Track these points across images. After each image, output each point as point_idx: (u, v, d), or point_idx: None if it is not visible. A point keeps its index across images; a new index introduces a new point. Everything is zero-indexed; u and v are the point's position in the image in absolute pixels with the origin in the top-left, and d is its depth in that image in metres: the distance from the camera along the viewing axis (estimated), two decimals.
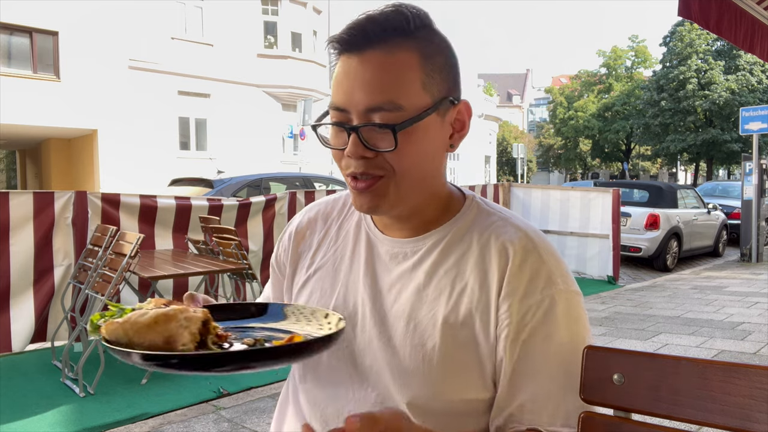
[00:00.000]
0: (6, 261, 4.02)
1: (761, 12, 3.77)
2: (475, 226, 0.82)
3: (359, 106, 0.73)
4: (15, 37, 12.75)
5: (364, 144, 0.74)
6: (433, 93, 0.76)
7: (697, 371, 0.75)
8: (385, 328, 0.81)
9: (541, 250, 0.80)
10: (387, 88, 0.73)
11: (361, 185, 0.76)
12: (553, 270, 0.79)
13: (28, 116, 12.48)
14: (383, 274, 0.84)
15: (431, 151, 0.78)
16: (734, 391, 0.72)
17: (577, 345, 0.79)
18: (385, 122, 0.73)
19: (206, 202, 5.13)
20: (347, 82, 0.74)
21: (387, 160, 0.75)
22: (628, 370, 0.79)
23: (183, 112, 15.45)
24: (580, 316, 0.80)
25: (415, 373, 0.77)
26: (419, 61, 0.75)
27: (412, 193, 0.78)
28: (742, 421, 0.71)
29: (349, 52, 0.75)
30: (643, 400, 0.78)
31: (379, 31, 0.74)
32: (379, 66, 0.73)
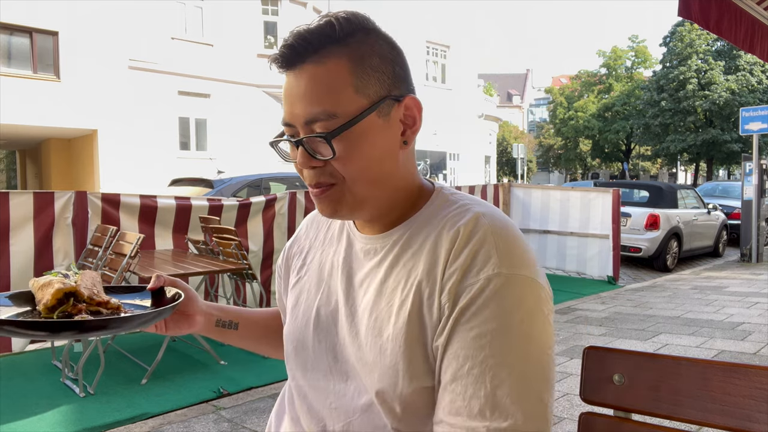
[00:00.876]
0: (6, 261, 4.02)
1: (761, 12, 3.77)
2: (435, 217, 0.82)
3: (300, 120, 0.77)
4: (15, 37, 12.75)
5: (310, 154, 0.77)
6: (369, 95, 0.77)
7: (697, 371, 0.75)
8: (355, 323, 0.84)
9: (488, 232, 0.76)
10: (320, 99, 0.75)
11: (316, 191, 0.80)
12: (498, 252, 0.74)
13: (28, 116, 12.48)
14: (358, 271, 0.87)
15: (378, 152, 0.79)
16: (734, 391, 0.72)
17: (516, 332, 0.71)
18: (323, 131, 0.75)
19: (206, 202, 5.13)
20: (288, 98, 0.78)
21: (335, 167, 0.77)
22: (628, 370, 0.79)
23: (183, 112, 15.44)
24: (520, 301, 0.72)
25: (375, 365, 0.79)
26: (349, 66, 0.76)
27: (369, 195, 0.80)
28: (742, 421, 0.71)
29: (286, 69, 0.78)
30: (643, 400, 0.78)
31: (306, 44, 0.76)
32: (311, 78, 0.76)
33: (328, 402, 0.85)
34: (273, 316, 1.13)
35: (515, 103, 61.79)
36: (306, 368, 0.89)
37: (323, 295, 0.90)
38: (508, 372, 0.69)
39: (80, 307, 0.83)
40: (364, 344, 0.81)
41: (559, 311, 5.68)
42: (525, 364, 0.70)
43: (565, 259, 7.90)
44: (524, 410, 0.69)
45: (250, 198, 5.59)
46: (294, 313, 0.94)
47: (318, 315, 0.89)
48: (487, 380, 0.69)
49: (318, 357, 0.88)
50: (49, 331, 0.79)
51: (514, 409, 0.68)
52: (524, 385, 0.70)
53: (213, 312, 1.03)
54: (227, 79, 15.95)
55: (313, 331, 0.89)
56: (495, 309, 0.71)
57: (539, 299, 0.74)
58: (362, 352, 0.81)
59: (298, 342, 0.91)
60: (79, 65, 13.12)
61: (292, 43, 0.76)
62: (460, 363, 0.71)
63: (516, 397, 0.69)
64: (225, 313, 1.05)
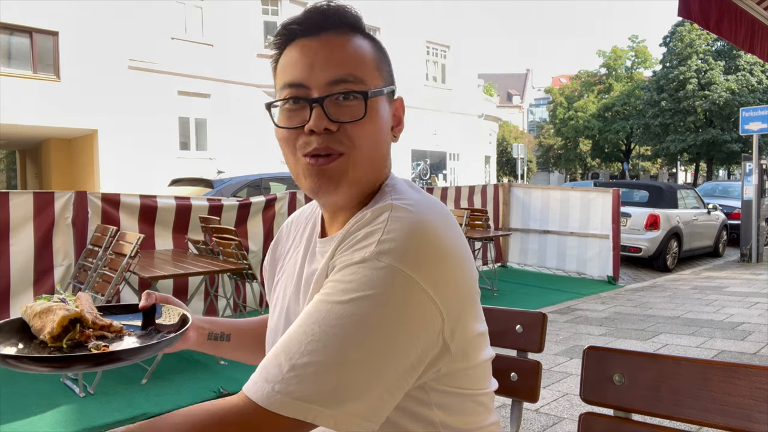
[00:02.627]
0: (6, 261, 4.02)
1: (761, 12, 3.77)
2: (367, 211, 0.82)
3: (320, 80, 0.76)
4: (15, 37, 12.74)
5: (328, 117, 0.75)
6: (383, 78, 0.81)
7: (697, 371, 0.75)
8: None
9: (388, 220, 0.72)
10: (348, 63, 0.77)
11: (322, 161, 0.77)
12: (386, 239, 0.70)
13: (28, 116, 12.48)
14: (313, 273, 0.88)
15: (383, 134, 0.81)
16: (734, 391, 0.72)
17: (358, 314, 0.66)
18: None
19: (206, 202, 5.13)
20: (305, 60, 0.78)
21: (348, 134, 0.76)
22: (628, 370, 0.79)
23: (183, 112, 15.44)
24: (385, 291, 0.67)
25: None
26: (371, 47, 0.81)
27: (364, 174, 0.80)
28: (742, 421, 0.71)
29: (306, 36, 0.78)
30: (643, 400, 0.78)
31: (336, 16, 0.79)
32: (338, 45, 0.78)
33: None
34: (264, 324, 1.11)
35: (515, 103, 61.78)
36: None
37: (292, 297, 0.90)
38: (330, 348, 0.66)
39: (88, 333, 0.80)
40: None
41: (559, 311, 5.68)
42: (349, 347, 0.66)
43: (565, 259, 7.90)
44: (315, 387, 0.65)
45: (250, 198, 5.59)
46: (271, 315, 0.95)
47: (287, 317, 0.90)
48: (304, 344, 0.67)
49: None
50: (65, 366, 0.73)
51: (307, 382, 0.65)
52: (335, 367, 0.65)
53: (204, 325, 1.01)
54: (227, 79, 15.95)
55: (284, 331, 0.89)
56: (349, 285, 0.68)
57: (405, 298, 0.68)
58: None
59: (272, 343, 0.92)
60: (79, 65, 13.12)
61: (322, 11, 0.78)
62: (296, 323, 0.70)
63: (318, 372, 0.65)
64: (216, 326, 1.03)
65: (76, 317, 0.79)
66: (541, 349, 1.07)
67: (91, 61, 13.26)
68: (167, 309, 0.93)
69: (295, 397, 0.65)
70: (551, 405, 3.20)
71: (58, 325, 0.77)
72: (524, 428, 2.91)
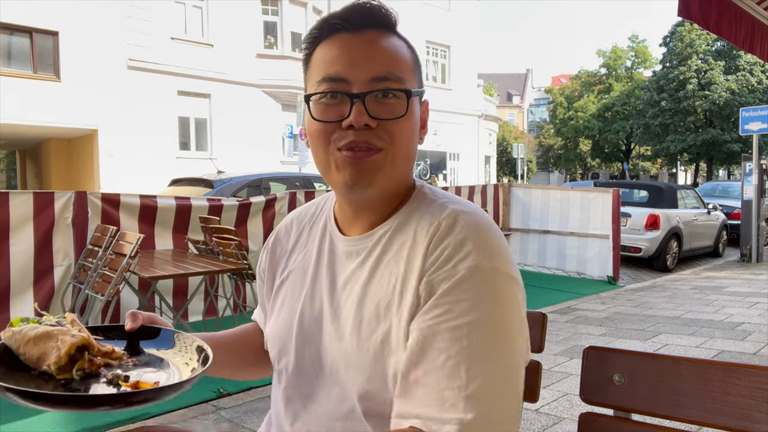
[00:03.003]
0: (6, 261, 4.02)
1: (761, 12, 3.77)
2: (415, 215, 0.82)
3: (362, 76, 0.76)
4: (15, 37, 12.74)
5: (368, 113, 0.76)
6: (418, 80, 0.83)
7: (698, 371, 0.75)
8: (340, 325, 0.82)
9: (467, 227, 0.75)
10: (390, 61, 0.78)
11: (360, 154, 0.77)
12: (477, 246, 0.73)
13: (28, 116, 12.48)
14: (340, 273, 0.86)
15: (415, 134, 0.82)
16: (734, 391, 0.72)
17: (493, 326, 0.70)
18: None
19: (206, 202, 5.13)
20: (347, 55, 0.77)
21: (388, 131, 0.77)
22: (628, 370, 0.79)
23: (183, 112, 15.44)
24: (500, 296, 0.72)
25: (362, 369, 0.77)
26: (407, 48, 0.83)
27: (400, 171, 0.81)
28: (742, 421, 0.71)
29: (347, 31, 0.78)
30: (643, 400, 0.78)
31: (377, 16, 0.80)
32: (380, 43, 0.79)
33: (314, 408, 0.84)
34: (246, 334, 1.06)
35: (515, 103, 61.78)
36: (291, 372, 0.87)
37: (306, 298, 0.88)
38: (487, 364, 0.68)
39: (98, 363, 0.69)
40: (349, 347, 0.79)
41: (559, 311, 5.68)
42: (500, 359, 0.70)
43: (565, 259, 7.90)
44: (496, 405, 0.68)
45: (250, 198, 5.59)
46: (278, 316, 0.92)
47: (302, 318, 0.87)
48: (462, 372, 0.68)
49: (302, 361, 0.86)
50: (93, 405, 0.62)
51: (488, 402, 0.67)
52: (497, 380, 0.69)
53: None
54: (227, 79, 15.95)
55: (297, 334, 0.87)
56: (472, 301, 0.70)
57: (516, 298, 0.74)
58: (348, 355, 0.79)
59: (282, 346, 0.89)
60: (79, 65, 13.12)
61: (366, 9, 0.79)
62: (434, 355, 0.69)
63: (490, 389, 0.68)
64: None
65: (84, 344, 0.68)
66: (541, 349, 1.07)
67: (91, 61, 13.27)
68: (181, 339, 0.82)
69: (485, 422, 0.67)
70: (551, 405, 3.20)
71: (65, 354, 0.66)
72: (524, 428, 2.91)
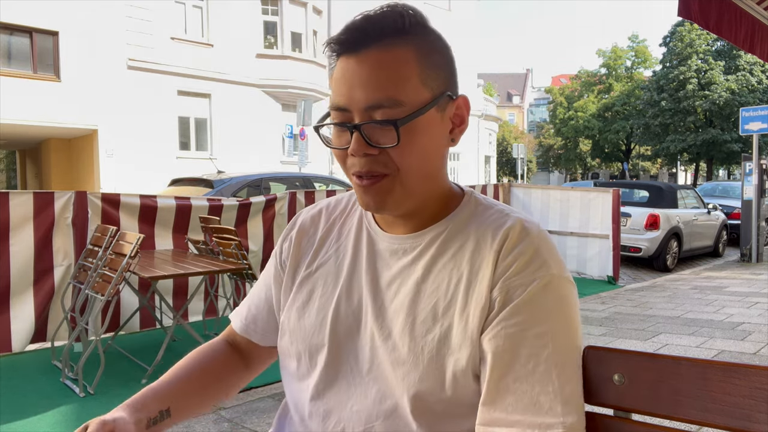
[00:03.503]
0: (6, 261, 4.02)
1: (761, 12, 3.77)
2: (473, 220, 0.82)
3: (359, 104, 0.74)
4: (15, 37, 12.75)
5: (366, 141, 0.75)
6: (432, 88, 0.77)
7: (697, 371, 0.75)
8: (386, 323, 0.81)
9: (536, 238, 0.78)
10: (386, 85, 0.74)
11: (366, 182, 0.77)
12: (548, 257, 0.77)
13: (28, 116, 12.48)
14: (384, 271, 0.84)
15: (433, 147, 0.79)
16: (734, 391, 0.72)
17: (570, 332, 0.75)
18: (387, 118, 0.74)
19: (206, 202, 5.13)
20: (346, 81, 0.75)
21: (391, 157, 0.75)
22: (628, 370, 0.79)
23: (183, 112, 15.45)
24: (572, 302, 0.77)
25: (414, 367, 0.77)
26: (416, 57, 0.76)
27: (417, 190, 0.79)
28: (742, 421, 0.71)
29: (346, 53, 0.76)
30: (643, 400, 0.78)
31: (376, 29, 0.75)
32: (377, 64, 0.74)
33: (349, 405, 0.82)
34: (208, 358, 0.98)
35: (515, 103, 61.80)
36: (323, 369, 0.85)
37: (342, 293, 0.86)
38: (572, 369, 0.74)
39: None
40: (400, 345, 0.79)
41: None
42: (578, 362, 0.76)
43: (565, 259, 7.83)
44: (583, 407, 0.74)
45: (250, 198, 5.59)
46: (304, 310, 0.89)
47: (337, 314, 0.85)
48: (554, 377, 0.72)
49: (337, 357, 0.84)
50: None
51: (579, 405, 0.73)
52: (581, 383, 0.75)
53: (139, 416, 0.86)
54: (227, 79, 15.96)
55: (331, 330, 0.85)
56: (553, 308, 0.74)
57: (578, 303, 0.79)
58: (397, 353, 0.78)
59: (312, 342, 0.86)
60: (79, 65, 13.12)
61: (361, 26, 0.75)
62: (523, 361, 0.72)
63: (578, 393, 0.74)
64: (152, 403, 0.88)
65: None
66: None
67: (91, 61, 13.27)
68: None
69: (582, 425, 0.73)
70: None
71: None
72: None
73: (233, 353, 1.02)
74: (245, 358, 1.03)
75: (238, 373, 1.01)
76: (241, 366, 1.01)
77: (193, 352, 0.99)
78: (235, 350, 1.02)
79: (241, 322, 1.02)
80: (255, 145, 16.20)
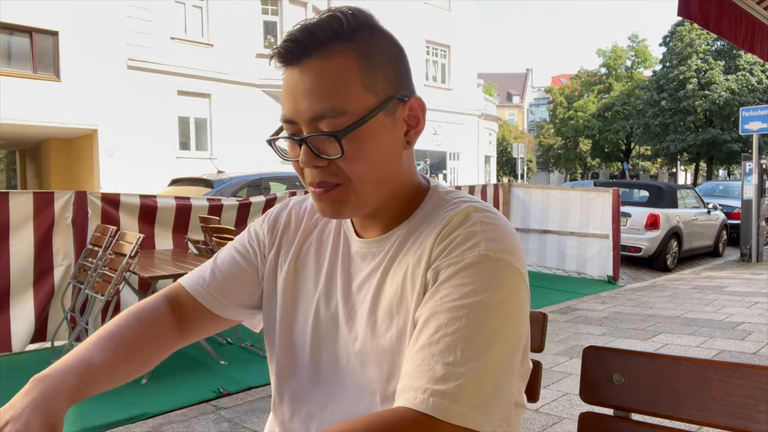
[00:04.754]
0: (6, 261, 4.02)
1: (761, 12, 3.77)
2: (430, 215, 0.82)
3: (304, 116, 0.73)
4: (15, 37, 12.75)
5: (315, 153, 0.74)
6: (377, 92, 0.75)
7: (697, 371, 0.75)
8: (354, 327, 0.82)
9: (477, 222, 0.75)
10: (327, 95, 0.72)
11: (319, 191, 0.77)
12: (486, 237, 0.73)
13: (28, 116, 12.48)
14: (356, 275, 0.85)
15: (385, 152, 0.77)
16: (734, 391, 0.72)
17: (494, 311, 0.69)
18: (330, 129, 0.72)
19: (206, 202, 5.13)
20: (290, 93, 0.74)
21: (340, 167, 0.75)
22: (628, 370, 0.79)
23: (183, 112, 15.44)
24: (502, 284, 0.71)
25: (380, 366, 0.78)
26: (357, 62, 0.73)
27: (373, 195, 0.78)
28: (742, 421, 0.71)
29: (289, 65, 0.74)
30: (643, 400, 0.78)
31: (313, 38, 0.73)
32: (318, 73, 0.73)
33: (329, 409, 0.83)
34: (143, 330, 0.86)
35: (515, 103, 61.79)
36: (305, 374, 0.86)
37: (321, 298, 0.87)
38: (480, 347, 0.67)
39: None
40: (365, 348, 0.80)
41: (559, 311, 5.68)
42: (496, 344, 0.69)
43: (565, 259, 7.90)
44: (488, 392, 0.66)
45: (250, 198, 5.59)
46: (288, 310, 0.89)
47: (317, 317, 0.86)
48: (458, 350, 0.67)
49: (318, 363, 0.85)
50: None
51: (479, 386, 0.66)
52: (491, 366, 0.68)
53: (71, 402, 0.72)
54: (227, 79, 15.96)
55: (312, 333, 0.86)
56: (476, 285, 0.70)
57: (520, 290, 0.74)
58: (363, 355, 0.80)
59: (292, 343, 0.88)
60: (79, 65, 13.12)
61: (297, 36, 0.73)
62: (432, 331, 0.69)
63: (484, 375, 0.66)
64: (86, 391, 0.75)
65: None
66: (541, 348, 1.07)
67: (91, 61, 13.27)
68: None
69: (465, 405, 0.65)
70: (551, 405, 3.20)
71: None
72: (524, 428, 2.91)
73: (173, 320, 0.91)
74: (184, 326, 0.92)
75: (173, 343, 0.91)
76: (177, 335, 0.91)
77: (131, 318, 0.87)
78: (174, 316, 0.91)
79: (203, 288, 0.92)
80: (255, 145, 16.19)
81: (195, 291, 0.92)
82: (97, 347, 0.79)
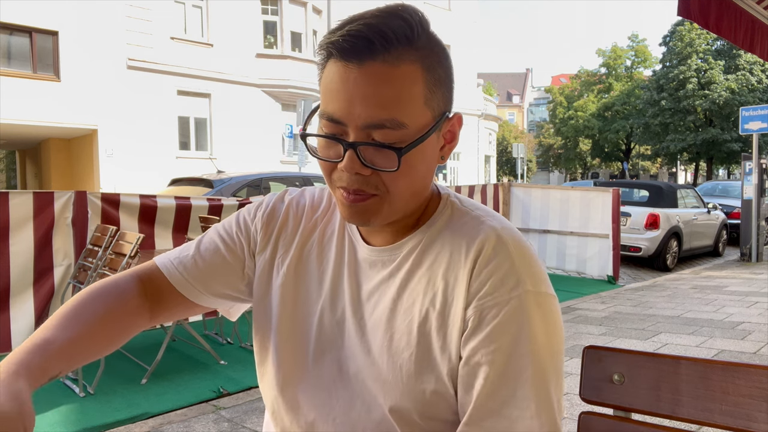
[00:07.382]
0: (6, 261, 4.02)
1: (761, 12, 3.77)
2: (448, 228, 0.79)
3: (358, 121, 0.68)
4: (15, 37, 12.75)
5: (362, 162, 0.70)
6: (434, 109, 0.72)
7: (697, 371, 0.75)
8: (365, 338, 0.79)
9: (511, 250, 0.74)
10: (390, 104, 0.68)
11: (353, 198, 0.73)
12: (523, 270, 0.73)
13: (28, 116, 12.48)
14: (364, 283, 0.82)
15: (426, 168, 0.75)
16: (734, 391, 0.72)
17: (550, 349, 0.72)
18: (388, 140, 0.69)
19: (206, 202, 5.13)
20: (345, 92, 0.69)
21: (382, 179, 0.72)
22: (628, 370, 0.79)
23: (183, 112, 15.45)
24: (555, 320, 0.74)
25: (395, 384, 0.76)
26: (422, 75, 0.70)
27: (404, 208, 0.76)
28: (742, 421, 0.71)
29: (349, 62, 0.68)
30: (643, 400, 0.78)
31: (383, 40, 0.67)
32: (383, 79, 0.68)
33: (332, 417, 0.80)
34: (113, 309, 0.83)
35: (515, 102, 61.81)
36: (303, 379, 0.83)
37: (326, 302, 0.83)
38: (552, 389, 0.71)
39: None
40: (379, 362, 0.77)
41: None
42: (554, 377, 0.72)
43: (565, 258, 7.90)
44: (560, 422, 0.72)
45: (250, 198, 5.59)
46: (288, 315, 0.86)
47: (321, 322, 0.83)
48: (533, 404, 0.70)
49: (319, 367, 0.82)
50: None
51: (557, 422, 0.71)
52: (559, 403, 0.72)
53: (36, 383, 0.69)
54: (227, 79, 15.96)
55: (316, 338, 0.83)
56: (530, 328, 0.71)
57: (559, 315, 0.76)
58: (377, 369, 0.77)
59: (293, 348, 0.84)
60: (79, 65, 13.12)
61: (364, 34, 0.67)
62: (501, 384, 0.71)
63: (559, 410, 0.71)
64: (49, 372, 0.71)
65: None
66: None
67: (91, 61, 13.27)
68: None
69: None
70: None
71: None
72: None
73: (144, 300, 0.88)
74: (155, 308, 0.89)
75: (141, 323, 0.87)
76: (147, 315, 0.88)
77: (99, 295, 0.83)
78: (146, 296, 0.88)
79: (181, 276, 0.89)
80: (255, 145, 16.20)
81: (173, 277, 0.89)
82: (60, 326, 0.76)
